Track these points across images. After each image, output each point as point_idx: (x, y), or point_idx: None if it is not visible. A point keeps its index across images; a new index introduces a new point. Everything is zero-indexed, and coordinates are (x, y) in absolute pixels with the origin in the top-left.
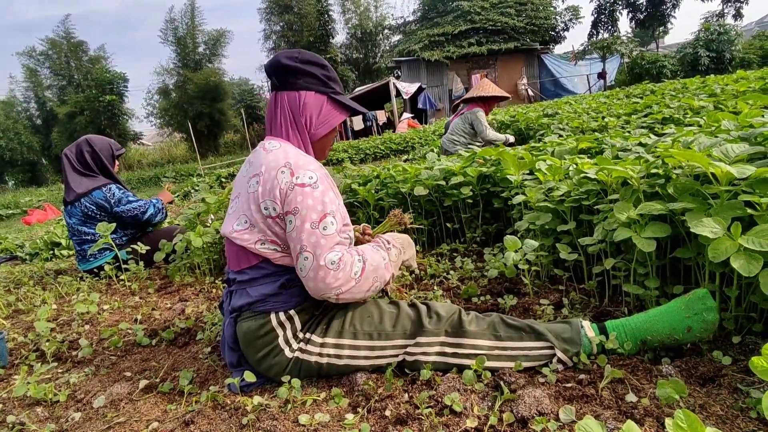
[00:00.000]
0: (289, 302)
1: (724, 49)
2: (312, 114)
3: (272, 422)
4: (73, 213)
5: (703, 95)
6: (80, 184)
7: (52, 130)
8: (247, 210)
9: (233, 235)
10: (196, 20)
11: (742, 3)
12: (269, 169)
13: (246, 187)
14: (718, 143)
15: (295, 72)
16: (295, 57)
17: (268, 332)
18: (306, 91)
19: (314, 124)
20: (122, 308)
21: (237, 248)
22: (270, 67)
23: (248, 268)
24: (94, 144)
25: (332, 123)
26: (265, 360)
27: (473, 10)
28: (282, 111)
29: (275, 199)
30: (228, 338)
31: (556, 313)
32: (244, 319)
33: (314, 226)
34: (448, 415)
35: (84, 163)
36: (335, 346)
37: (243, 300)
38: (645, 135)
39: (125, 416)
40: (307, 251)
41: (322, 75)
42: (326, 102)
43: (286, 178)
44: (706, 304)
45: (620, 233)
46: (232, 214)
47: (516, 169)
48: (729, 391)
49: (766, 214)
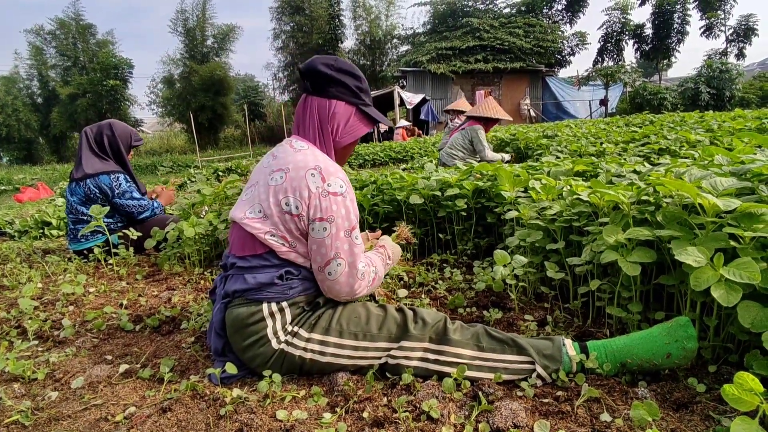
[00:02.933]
0: (284, 294)
1: (724, 87)
2: (340, 123)
3: (249, 415)
4: (76, 191)
5: (701, 129)
6: (92, 164)
7: (52, 110)
8: (264, 201)
9: (245, 221)
10: (207, 13)
11: (745, 43)
12: (297, 168)
13: (267, 179)
14: (708, 176)
15: (329, 80)
16: (331, 65)
17: (258, 321)
18: (337, 100)
19: (340, 132)
20: (108, 292)
21: (245, 234)
22: (306, 70)
23: (252, 256)
24: (115, 129)
25: (358, 133)
26: (250, 349)
27: (482, 28)
28: (311, 115)
29: (302, 199)
30: (216, 324)
31: (540, 330)
32: (235, 306)
33: (347, 234)
34: (425, 421)
35: (101, 145)
36: (320, 342)
37: (238, 285)
38: (640, 163)
39: (102, 399)
40: (341, 258)
41: (354, 86)
42: (354, 113)
43: (317, 182)
44: (687, 332)
45: (607, 255)
46: (246, 201)
47: (511, 185)
48: (701, 418)
49: (749, 247)
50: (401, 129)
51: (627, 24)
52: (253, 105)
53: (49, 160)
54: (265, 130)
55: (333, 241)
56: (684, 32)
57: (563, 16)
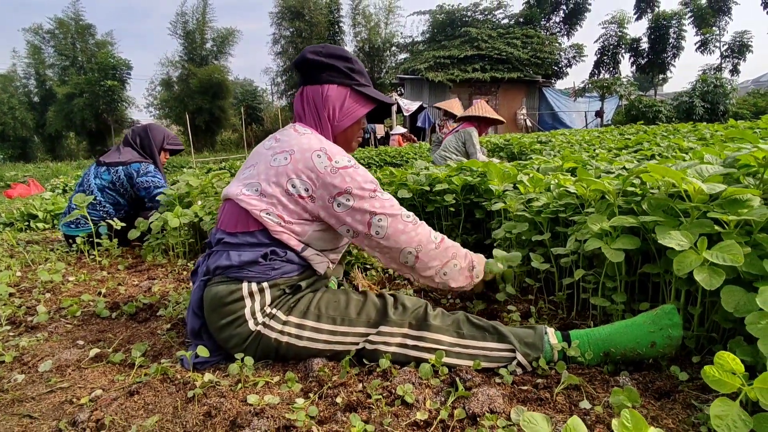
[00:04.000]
0: (265, 275)
1: (718, 101)
2: (335, 106)
3: (219, 399)
4: (103, 176)
5: (693, 138)
6: (127, 155)
7: (48, 109)
8: (264, 180)
9: (240, 197)
10: (207, 16)
11: (739, 59)
12: (303, 150)
13: (268, 160)
14: (694, 165)
15: (319, 66)
16: (319, 51)
17: (236, 300)
18: (328, 84)
19: (337, 116)
20: (88, 281)
21: (239, 210)
22: (297, 61)
23: (242, 233)
24: (151, 131)
25: (356, 114)
26: (226, 329)
27: (480, 38)
28: (307, 104)
29: (311, 180)
30: (194, 303)
31: (523, 321)
32: (215, 284)
33: (372, 195)
34: (399, 405)
35: (136, 143)
36: (298, 326)
37: (221, 261)
38: (630, 162)
39: (69, 382)
40: (379, 213)
41: (345, 67)
42: (349, 94)
43: (324, 162)
44: (672, 319)
45: (591, 243)
46: (243, 179)
47: (500, 180)
48: (683, 406)
49: (733, 233)
50: (397, 135)
51: (623, 37)
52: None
53: (43, 158)
54: (263, 134)
55: (360, 206)
56: (679, 47)
57: (561, 28)
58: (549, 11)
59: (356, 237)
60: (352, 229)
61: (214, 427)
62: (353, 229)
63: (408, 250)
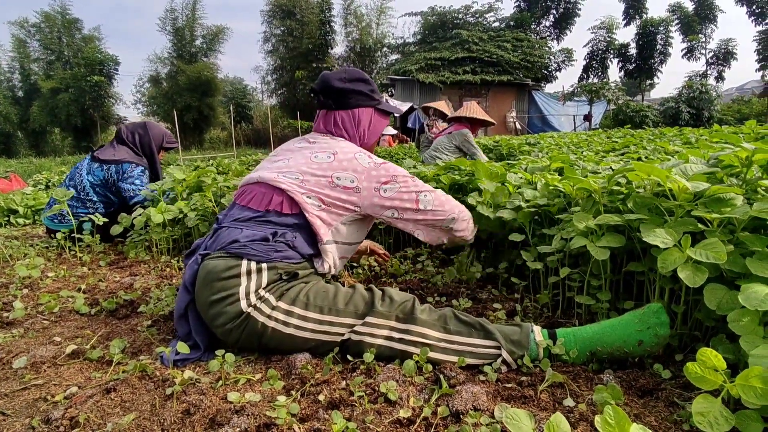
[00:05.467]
0: (266, 255)
1: (704, 107)
2: (365, 127)
3: (199, 396)
4: (95, 172)
5: (679, 142)
6: (122, 153)
7: (32, 104)
8: (305, 172)
9: (280, 179)
10: (196, 13)
11: (724, 66)
12: (345, 152)
13: (308, 156)
14: (679, 164)
15: (347, 92)
16: (343, 78)
17: (233, 276)
18: (359, 108)
19: (367, 135)
20: (67, 277)
21: (273, 191)
22: (323, 90)
23: (274, 212)
24: (151, 129)
25: (380, 130)
26: (217, 305)
27: (471, 40)
28: (337, 127)
29: (356, 173)
30: (187, 279)
31: (509, 320)
32: (213, 258)
33: (413, 180)
34: (383, 403)
35: (134, 141)
36: (285, 312)
37: (231, 236)
38: (616, 163)
39: (44, 379)
40: (424, 191)
41: (368, 90)
42: (373, 113)
43: (366, 159)
44: (659, 318)
45: (577, 241)
46: (275, 169)
47: (488, 179)
48: (666, 404)
49: (717, 231)
50: (388, 136)
51: (612, 43)
52: (240, 107)
53: (26, 154)
54: (252, 132)
55: (408, 188)
56: (666, 53)
57: (551, 33)
58: (539, 15)
59: (401, 216)
60: (399, 208)
61: (192, 425)
62: (400, 208)
63: (452, 215)
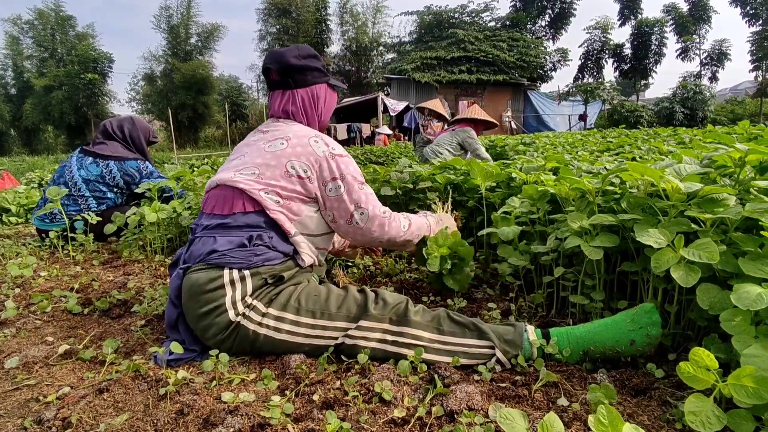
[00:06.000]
0: (247, 260)
1: (697, 108)
2: (322, 104)
3: (193, 397)
4: (90, 168)
5: (673, 142)
6: (116, 148)
7: (25, 101)
8: (261, 164)
9: (236, 178)
10: (191, 11)
11: (718, 67)
12: (299, 137)
13: (261, 147)
14: (672, 164)
15: (304, 69)
16: (298, 55)
17: (217, 288)
18: (316, 85)
19: (324, 112)
20: (60, 276)
21: (231, 193)
22: (281, 69)
23: (236, 213)
24: (137, 123)
25: (333, 105)
26: (205, 317)
27: (467, 40)
28: (295, 106)
29: (309, 163)
30: (172, 292)
31: (503, 320)
32: (195, 271)
33: (361, 187)
34: (377, 403)
35: (124, 135)
36: (277, 318)
37: (206, 247)
38: (610, 163)
39: (36, 379)
40: (362, 207)
41: (321, 66)
42: (327, 89)
43: (322, 147)
44: (651, 318)
45: (571, 241)
46: (234, 166)
47: (483, 179)
48: (659, 403)
49: (710, 231)
50: (383, 135)
51: (607, 43)
52: (235, 105)
53: (19, 152)
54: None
55: (350, 194)
56: (661, 54)
57: (546, 33)
58: (535, 15)
59: (336, 222)
60: (334, 214)
61: (186, 425)
62: (335, 215)
63: (380, 240)
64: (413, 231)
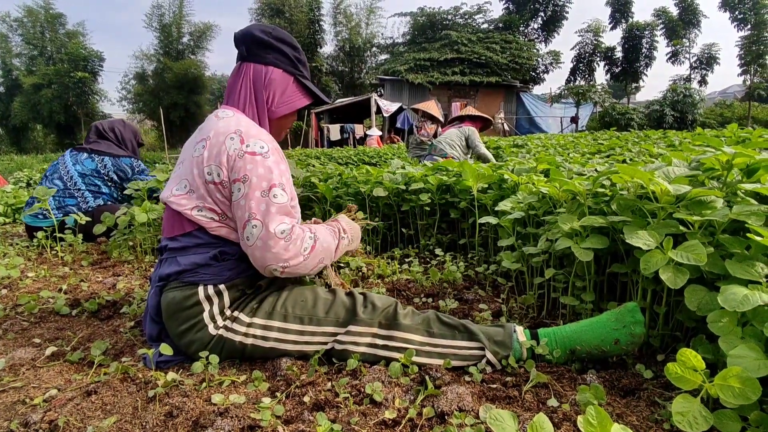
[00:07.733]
0: (220, 276)
1: (687, 111)
2: (276, 91)
3: (182, 399)
4: (85, 163)
5: (663, 144)
6: (110, 146)
7: (13, 100)
8: (189, 174)
9: (171, 199)
10: (184, 10)
11: (707, 71)
12: (218, 135)
13: (191, 152)
14: (662, 167)
15: (266, 46)
16: (269, 32)
17: (194, 305)
18: (274, 67)
19: (276, 102)
20: (48, 277)
21: (173, 213)
22: (241, 36)
23: (181, 236)
24: (128, 125)
25: (295, 105)
26: (186, 335)
27: (460, 41)
28: (244, 82)
29: (221, 165)
30: (151, 309)
31: (494, 320)
32: (170, 289)
33: (264, 194)
34: (368, 404)
35: (114, 136)
36: (263, 327)
37: (172, 268)
38: (601, 165)
39: (23, 382)
40: (257, 219)
41: (293, 55)
42: (292, 83)
43: (235, 144)
44: (634, 317)
45: (561, 243)
46: (174, 178)
47: (474, 180)
48: (647, 403)
49: (698, 233)
50: (376, 137)
51: (599, 46)
52: None
53: (7, 151)
54: None
55: (247, 201)
56: (651, 57)
57: (539, 35)
58: (528, 18)
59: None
60: (237, 221)
61: (175, 427)
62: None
63: (273, 267)
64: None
